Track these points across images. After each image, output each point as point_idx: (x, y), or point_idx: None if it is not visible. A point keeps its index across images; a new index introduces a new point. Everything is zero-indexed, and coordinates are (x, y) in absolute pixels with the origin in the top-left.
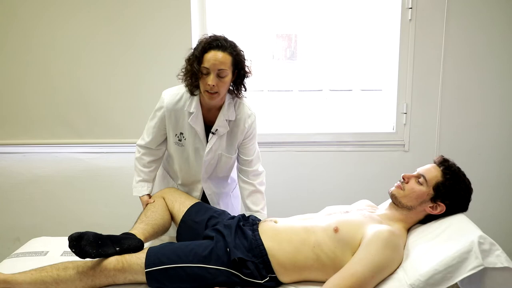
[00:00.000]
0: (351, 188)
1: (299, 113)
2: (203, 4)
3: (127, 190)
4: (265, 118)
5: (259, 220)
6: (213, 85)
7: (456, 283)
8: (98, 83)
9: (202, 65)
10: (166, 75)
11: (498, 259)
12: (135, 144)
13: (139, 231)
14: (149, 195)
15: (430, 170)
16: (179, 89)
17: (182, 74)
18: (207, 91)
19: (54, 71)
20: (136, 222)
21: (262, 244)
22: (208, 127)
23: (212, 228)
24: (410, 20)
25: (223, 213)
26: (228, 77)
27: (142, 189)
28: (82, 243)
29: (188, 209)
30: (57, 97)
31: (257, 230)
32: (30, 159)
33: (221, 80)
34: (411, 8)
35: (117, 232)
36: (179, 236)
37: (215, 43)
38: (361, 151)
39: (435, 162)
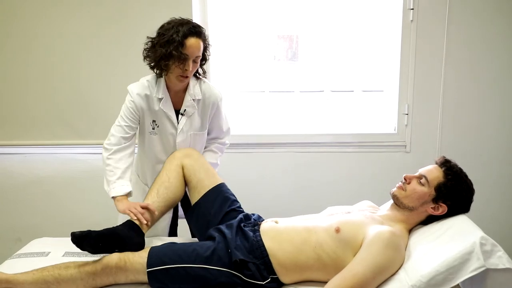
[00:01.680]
0: (352, 189)
1: (300, 114)
2: (204, 4)
3: None
4: (267, 119)
5: (261, 220)
6: (190, 71)
7: (457, 284)
8: (98, 83)
9: (182, 51)
10: None
11: (500, 260)
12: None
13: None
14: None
15: (432, 171)
16: (142, 80)
17: (148, 57)
18: (181, 75)
19: (55, 71)
20: (145, 200)
21: (263, 245)
22: (177, 111)
23: (214, 228)
24: (411, 21)
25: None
26: (199, 61)
27: (122, 188)
28: (84, 244)
29: (206, 194)
30: (57, 97)
31: (258, 231)
32: (31, 160)
33: (194, 65)
34: (412, 9)
35: None
36: (189, 219)
37: (194, 29)
38: (362, 152)
39: (436, 163)
